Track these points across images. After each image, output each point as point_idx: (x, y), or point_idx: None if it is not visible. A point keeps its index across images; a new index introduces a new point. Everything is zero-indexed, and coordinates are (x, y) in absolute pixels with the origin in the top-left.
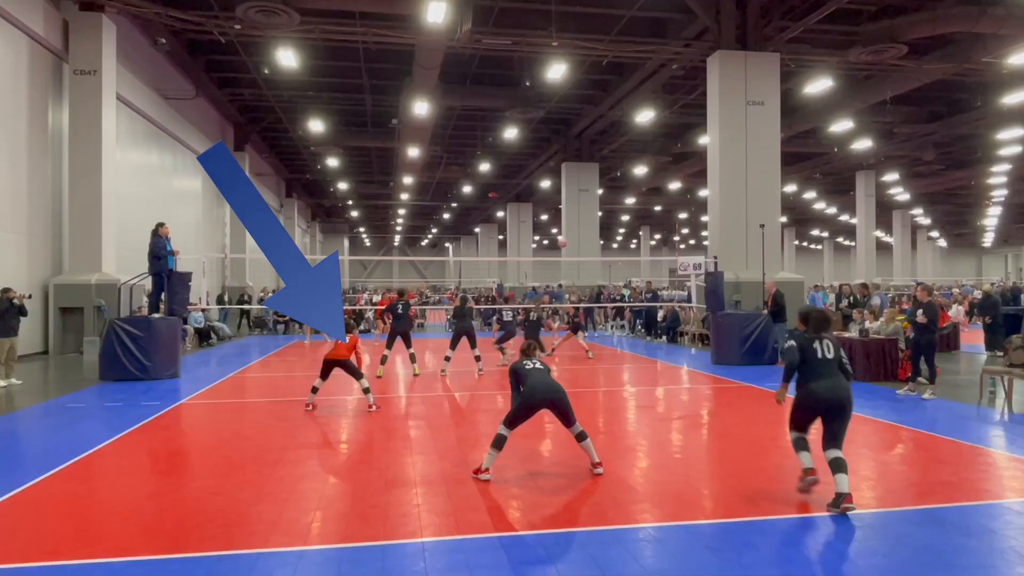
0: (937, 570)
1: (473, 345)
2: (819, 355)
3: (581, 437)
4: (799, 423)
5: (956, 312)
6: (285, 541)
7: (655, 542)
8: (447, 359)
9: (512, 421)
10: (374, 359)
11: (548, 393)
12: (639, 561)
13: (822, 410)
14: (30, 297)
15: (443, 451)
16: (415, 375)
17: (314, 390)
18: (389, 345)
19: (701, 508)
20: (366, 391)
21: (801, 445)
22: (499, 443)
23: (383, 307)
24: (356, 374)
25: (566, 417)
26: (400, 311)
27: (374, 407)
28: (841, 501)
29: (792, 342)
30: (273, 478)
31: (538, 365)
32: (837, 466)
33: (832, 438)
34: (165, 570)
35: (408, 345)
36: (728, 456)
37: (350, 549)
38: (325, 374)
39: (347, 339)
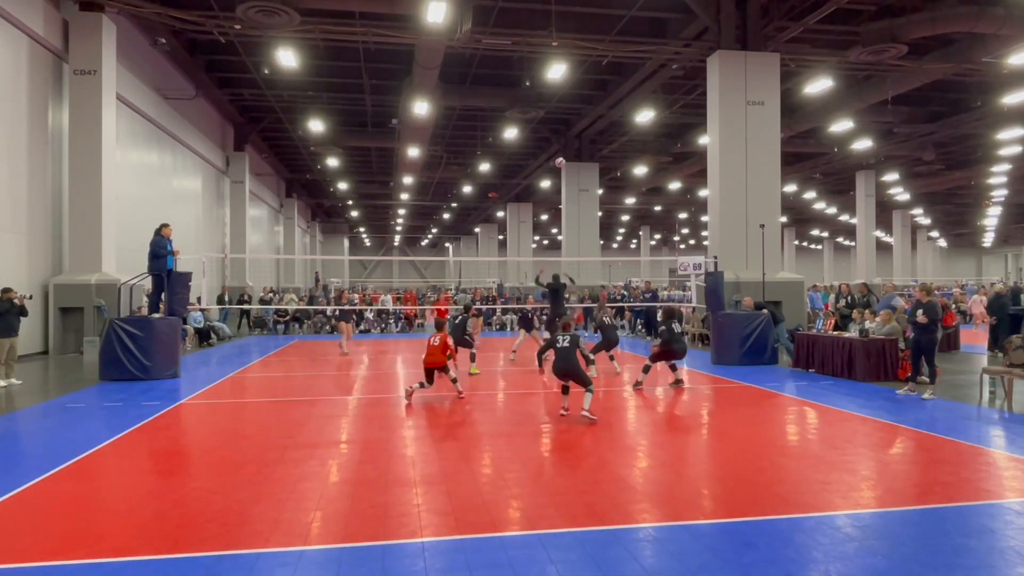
0: (937, 570)
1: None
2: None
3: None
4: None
5: (976, 307)
6: (285, 541)
7: (655, 542)
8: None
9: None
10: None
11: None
12: (639, 561)
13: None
14: (30, 298)
15: (443, 451)
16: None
17: (419, 385)
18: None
19: (701, 508)
20: (454, 381)
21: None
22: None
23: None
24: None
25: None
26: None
27: (463, 393)
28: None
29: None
30: (273, 478)
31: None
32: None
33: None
34: (165, 570)
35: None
36: (728, 456)
37: (350, 549)
38: (430, 379)
39: (437, 340)
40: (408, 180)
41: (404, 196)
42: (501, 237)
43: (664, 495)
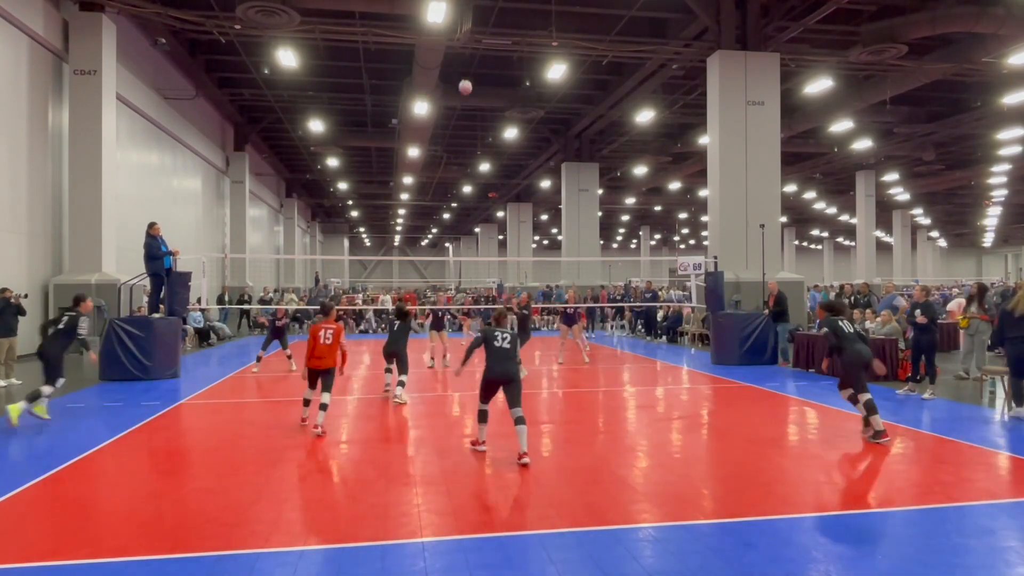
0: (937, 570)
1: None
2: None
3: (519, 422)
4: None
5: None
6: (285, 541)
7: (655, 542)
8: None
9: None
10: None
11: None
12: (639, 561)
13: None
14: (26, 296)
15: (443, 451)
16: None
17: (307, 402)
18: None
19: (701, 508)
20: (322, 407)
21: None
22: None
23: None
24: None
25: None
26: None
27: (319, 429)
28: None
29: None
30: (273, 478)
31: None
32: None
33: None
34: (165, 570)
35: None
36: (728, 456)
37: (350, 549)
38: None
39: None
40: (408, 180)
41: (404, 196)
42: (501, 237)
43: (664, 495)
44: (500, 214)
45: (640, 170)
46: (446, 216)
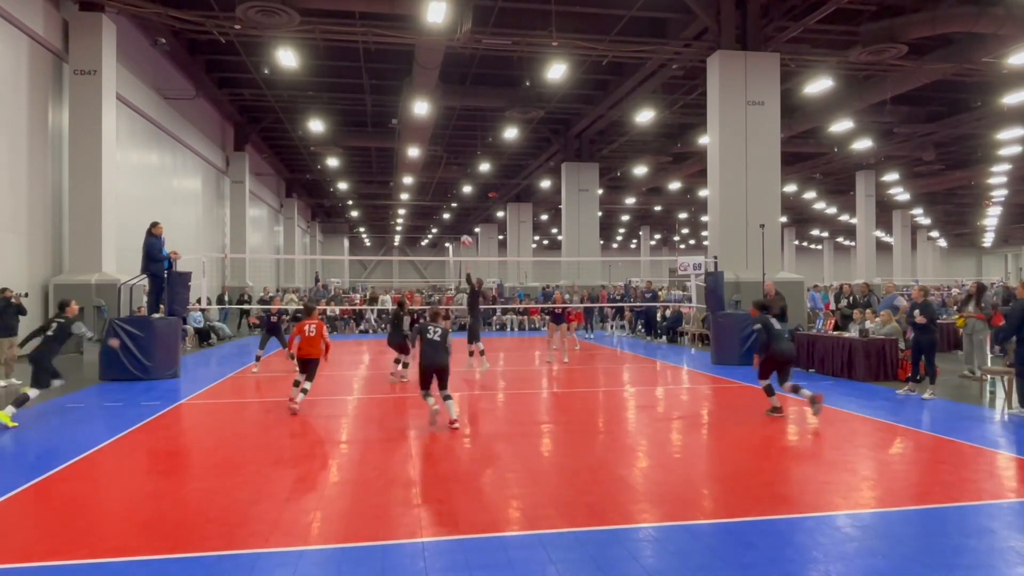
0: (937, 570)
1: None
2: None
3: (447, 398)
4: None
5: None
6: (285, 541)
7: (655, 542)
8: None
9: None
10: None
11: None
12: (639, 561)
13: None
14: (26, 295)
15: (443, 451)
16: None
17: (297, 383)
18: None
19: (701, 508)
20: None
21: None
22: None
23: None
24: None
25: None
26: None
27: (296, 405)
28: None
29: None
30: (273, 478)
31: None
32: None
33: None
34: (165, 570)
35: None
36: (728, 456)
37: (350, 549)
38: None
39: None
40: (408, 180)
41: (404, 196)
42: (501, 237)
43: (664, 495)
44: (500, 214)
45: (640, 170)
46: (446, 216)
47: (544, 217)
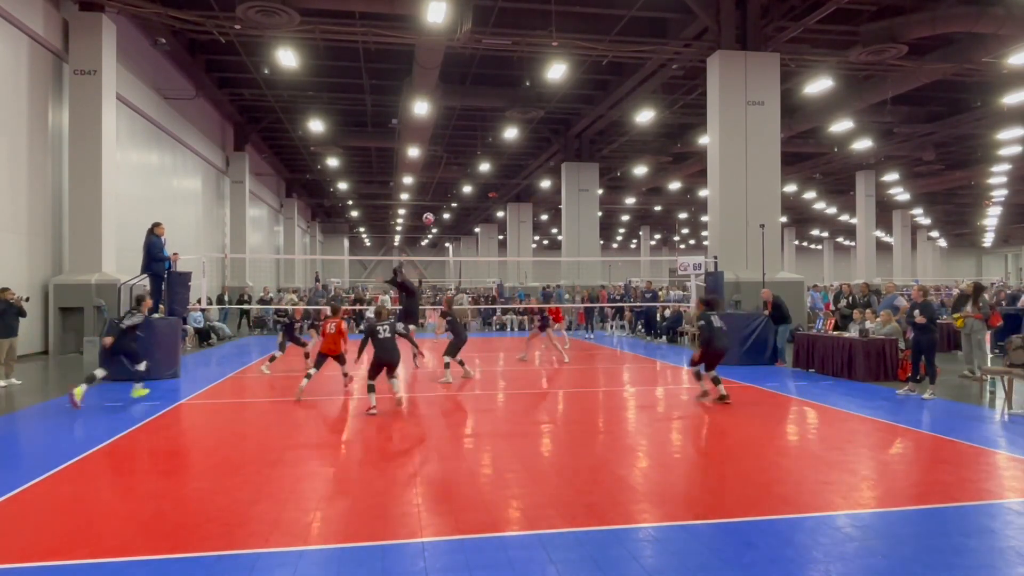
0: (937, 570)
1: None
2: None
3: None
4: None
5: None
6: (285, 541)
7: (655, 542)
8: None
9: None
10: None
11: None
12: (639, 561)
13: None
14: (27, 299)
15: (443, 451)
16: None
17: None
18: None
19: (701, 508)
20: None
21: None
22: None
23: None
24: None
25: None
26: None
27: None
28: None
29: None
30: (273, 478)
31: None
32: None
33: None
34: (165, 570)
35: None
36: (728, 456)
37: (350, 549)
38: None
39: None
40: (408, 180)
41: (404, 196)
42: (501, 237)
43: (664, 495)
44: (500, 214)
45: (640, 170)
46: (446, 216)
47: (544, 217)
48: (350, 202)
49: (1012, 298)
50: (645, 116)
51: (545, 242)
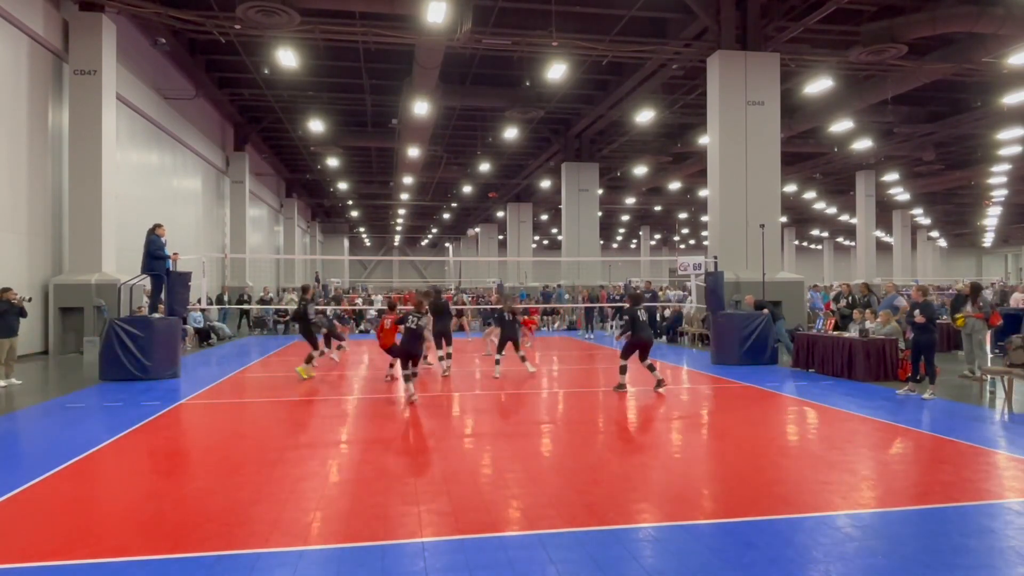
0: (937, 570)
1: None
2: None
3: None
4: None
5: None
6: (285, 541)
7: (655, 542)
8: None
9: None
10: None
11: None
12: (639, 561)
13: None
14: (29, 300)
15: (443, 451)
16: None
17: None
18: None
19: (701, 508)
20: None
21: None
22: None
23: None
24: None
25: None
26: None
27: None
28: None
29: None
30: (273, 478)
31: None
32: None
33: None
34: (165, 570)
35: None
36: (728, 456)
37: (350, 549)
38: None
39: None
40: (408, 180)
41: (404, 196)
42: (501, 237)
43: (664, 495)
44: (500, 214)
45: (640, 170)
46: (446, 216)
47: (544, 217)
48: (350, 202)
49: (1001, 295)
50: (645, 116)
51: (545, 242)
